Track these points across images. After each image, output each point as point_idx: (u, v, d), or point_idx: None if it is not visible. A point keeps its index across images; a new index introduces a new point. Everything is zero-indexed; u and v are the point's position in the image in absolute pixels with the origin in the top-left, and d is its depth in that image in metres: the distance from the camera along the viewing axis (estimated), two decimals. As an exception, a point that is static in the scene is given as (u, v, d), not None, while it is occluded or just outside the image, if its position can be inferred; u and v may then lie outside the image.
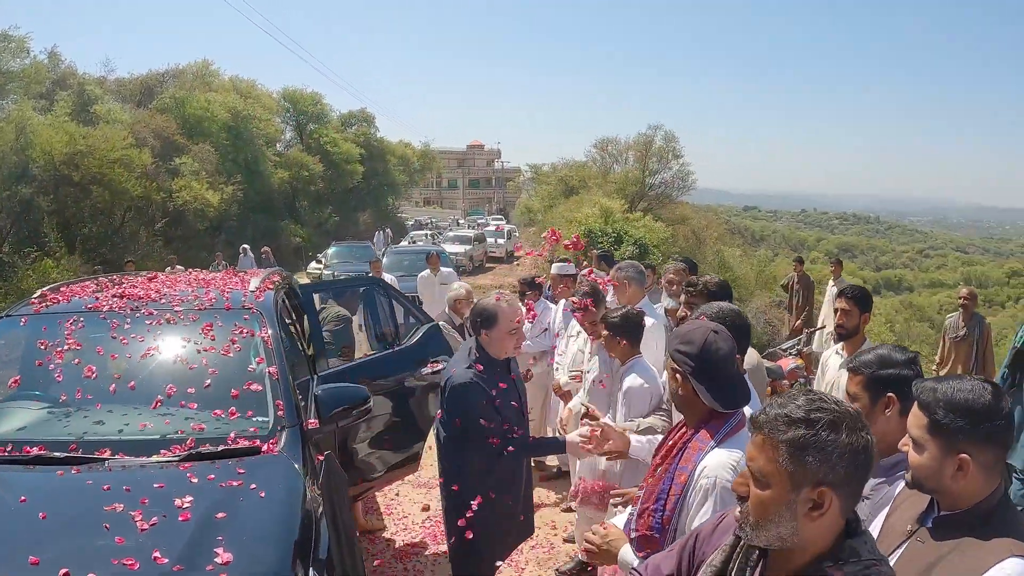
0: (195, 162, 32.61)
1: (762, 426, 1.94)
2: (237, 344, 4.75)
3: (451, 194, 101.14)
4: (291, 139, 48.94)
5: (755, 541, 1.99)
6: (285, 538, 3.41)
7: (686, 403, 3.07)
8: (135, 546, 3.15)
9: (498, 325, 4.61)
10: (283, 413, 4.36)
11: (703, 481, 2.85)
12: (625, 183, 42.00)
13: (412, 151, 60.42)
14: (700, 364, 2.97)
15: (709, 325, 3.14)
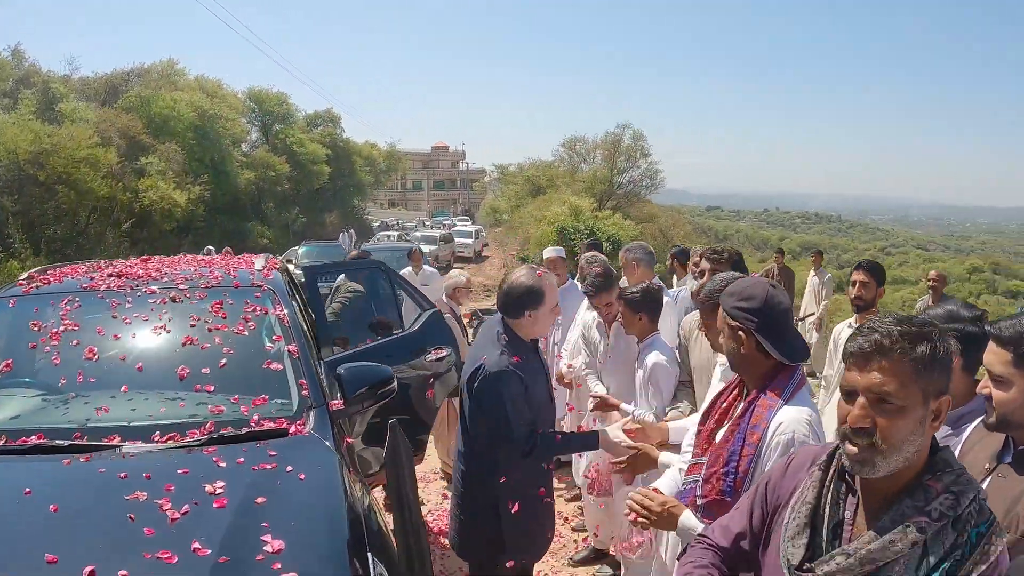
0: (161, 162, 31.88)
1: (888, 350, 1.87)
2: (251, 322, 4.37)
3: (416, 196, 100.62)
4: (257, 139, 48.05)
5: (879, 471, 1.91)
6: (336, 522, 3.03)
7: (748, 362, 2.93)
8: (168, 537, 2.75)
9: (545, 303, 4.10)
10: (308, 393, 3.99)
11: (780, 437, 2.74)
12: (593, 182, 41.94)
13: (378, 152, 59.70)
14: (764, 319, 2.87)
15: (763, 280, 3.04)
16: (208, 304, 4.44)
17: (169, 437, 3.56)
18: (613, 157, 42.32)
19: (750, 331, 2.88)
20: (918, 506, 1.88)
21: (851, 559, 1.91)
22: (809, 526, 2.05)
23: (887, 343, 1.88)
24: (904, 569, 1.87)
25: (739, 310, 2.92)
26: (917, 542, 1.85)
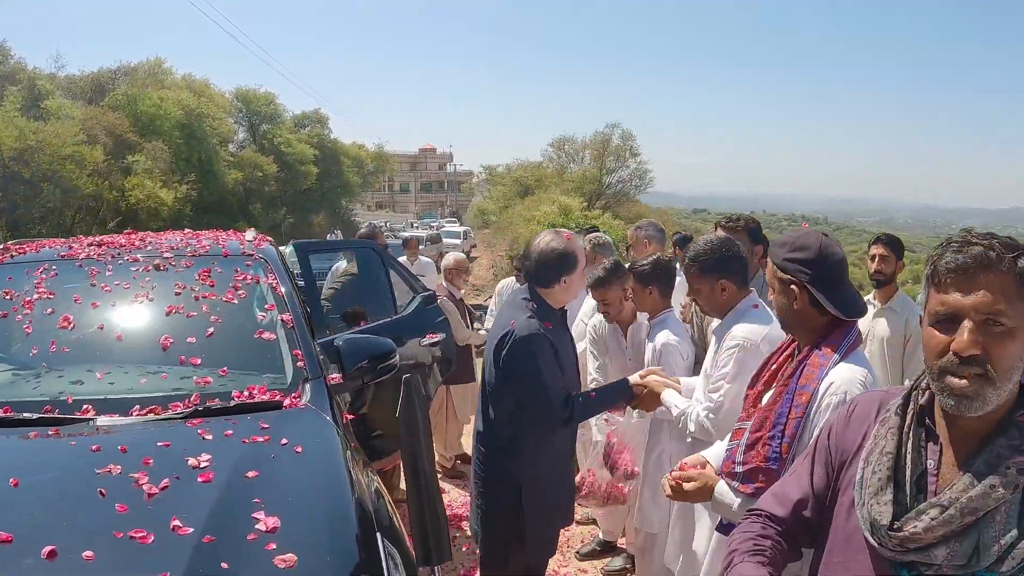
0: (148, 160, 31.42)
1: (994, 264, 1.61)
2: (241, 291, 3.98)
3: (403, 197, 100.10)
4: (244, 139, 47.32)
5: (989, 404, 1.64)
6: (339, 499, 2.66)
7: (801, 318, 2.67)
8: (144, 515, 2.37)
9: (578, 266, 3.84)
10: (303, 364, 3.61)
11: (831, 398, 2.49)
12: (583, 182, 41.71)
13: (366, 153, 58.99)
14: (818, 270, 2.62)
15: (816, 230, 2.78)
16: (195, 272, 4.05)
17: (149, 410, 3.18)
18: (602, 157, 42.10)
19: (803, 284, 2.62)
20: (1014, 445, 1.64)
21: (948, 511, 1.64)
22: (892, 480, 1.76)
23: (993, 256, 1.62)
24: (1006, 517, 1.61)
25: (791, 262, 2.65)
26: (1019, 485, 1.61)
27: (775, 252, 2.75)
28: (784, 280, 2.68)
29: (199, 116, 36.82)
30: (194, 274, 4.03)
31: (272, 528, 2.30)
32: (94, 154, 27.74)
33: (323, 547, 2.35)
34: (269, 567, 2.17)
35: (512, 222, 37.10)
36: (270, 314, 3.90)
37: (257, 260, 4.30)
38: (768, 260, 2.81)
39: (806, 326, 2.68)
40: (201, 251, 4.33)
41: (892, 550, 1.72)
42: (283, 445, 2.86)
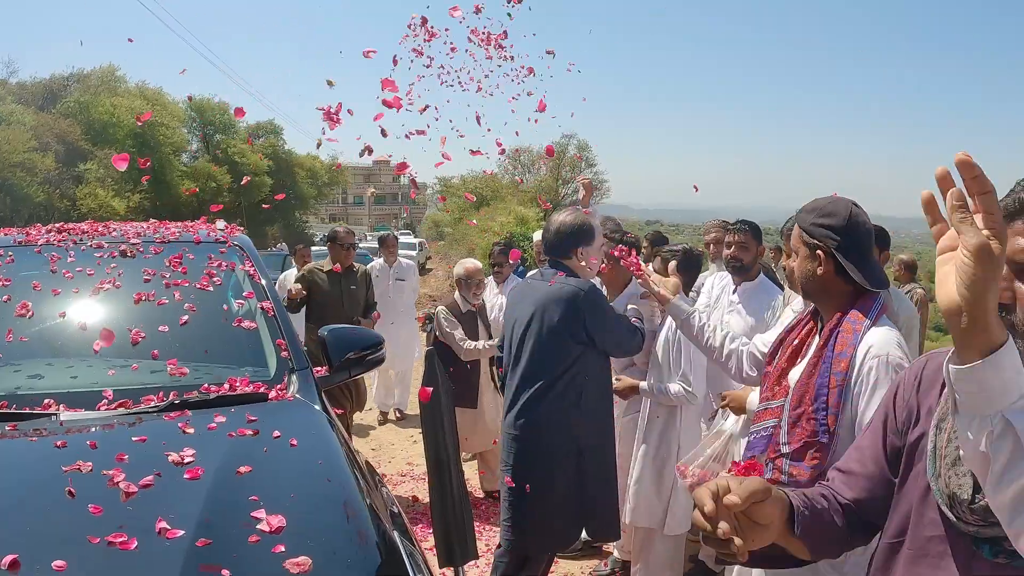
0: (100, 169, 30.62)
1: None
2: (216, 277, 3.62)
3: (357, 210, 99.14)
4: (198, 149, 46.47)
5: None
6: (347, 492, 2.32)
7: (825, 285, 2.61)
8: (123, 517, 2.02)
9: (595, 240, 4.00)
10: (288, 354, 3.26)
11: (872, 360, 2.43)
12: (539, 192, 41.45)
13: (320, 164, 58.38)
14: (847, 238, 2.56)
15: (846, 198, 2.68)
16: (165, 258, 3.68)
17: (119, 404, 2.81)
18: (558, 167, 41.99)
19: (830, 251, 2.57)
20: None
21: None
22: None
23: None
24: None
25: (819, 227, 2.60)
26: None
27: (803, 217, 2.68)
28: (811, 245, 2.61)
29: (152, 125, 35.92)
30: (164, 260, 3.67)
31: (277, 528, 1.95)
32: (45, 162, 27.01)
33: (337, 547, 2.01)
34: (279, 572, 1.82)
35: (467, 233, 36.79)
36: (249, 302, 3.55)
37: (231, 247, 3.94)
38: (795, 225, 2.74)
39: (829, 294, 2.62)
40: (171, 237, 3.96)
41: (974, 524, 1.49)
42: (275, 439, 2.52)
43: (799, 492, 1.74)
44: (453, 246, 42.35)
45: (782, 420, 2.60)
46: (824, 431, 2.47)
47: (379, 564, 1.99)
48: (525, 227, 30.01)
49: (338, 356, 3.47)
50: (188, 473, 2.23)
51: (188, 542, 1.90)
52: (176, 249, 3.79)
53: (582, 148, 41.97)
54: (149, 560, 1.83)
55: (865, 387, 2.44)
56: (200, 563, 1.83)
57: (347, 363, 3.49)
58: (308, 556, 1.85)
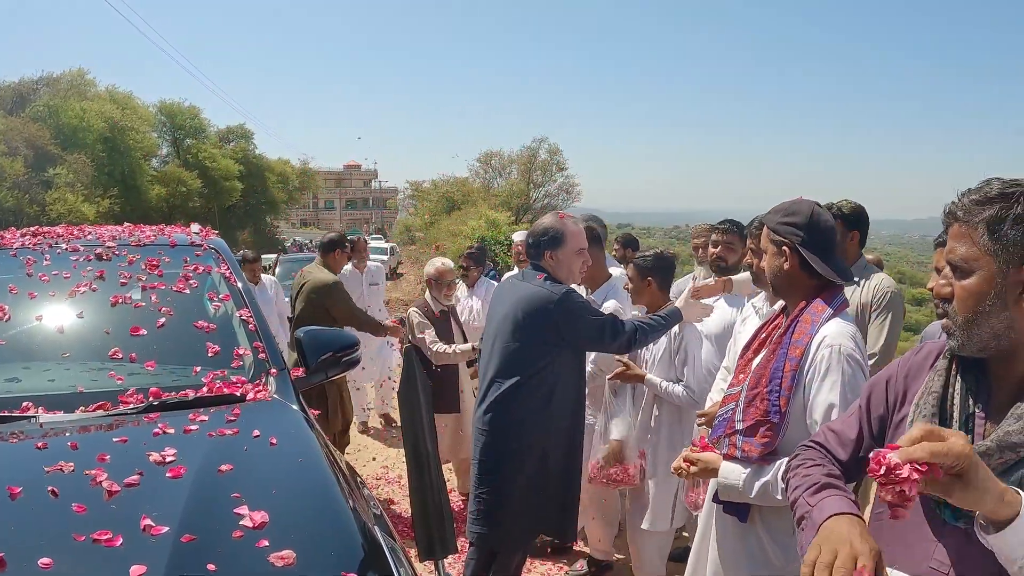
0: (70, 173, 30.26)
1: (958, 214, 1.71)
2: (193, 280, 3.64)
3: (328, 215, 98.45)
4: (168, 154, 45.97)
5: (968, 347, 1.72)
6: (327, 489, 2.35)
7: (791, 280, 2.80)
8: (107, 515, 2.04)
9: (565, 245, 4.00)
10: (265, 356, 3.29)
11: (824, 351, 2.62)
12: (510, 196, 41.53)
13: (291, 169, 57.66)
14: (810, 234, 2.74)
15: (808, 200, 2.89)
16: (141, 262, 3.70)
17: (98, 406, 2.83)
18: (529, 171, 42.04)
19: (795, 246, 2.75)
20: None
21: (986, 445, 1.63)
22: (937, 416, 1.77)
23: (957, 209, 1.72)
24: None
25: (785, 225, 2.78)
26: None
27: (769, 217, 2.86)
28: (777, 242, 2.79)
29: (122, 129, 35.57)
30: (141, 263, 3.68)
31: (260, 524, 1.98)
32: (14, 166, 26.67)
33: (321, 542, 2.04)
34: (263, 565, 1.85)
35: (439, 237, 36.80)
36: (225, 304, 3.58)
37: (207, 250, 3.96)
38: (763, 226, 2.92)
39: (795, 288, 2.79)
40: (146, 241, 3.98)
41: None
42: (255, 437, 2.56)
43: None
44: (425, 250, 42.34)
45: (739, 400, 2.80)
46: (776, 411, 2.65)
47: (362, 558, 2.02)
48: (496, 231, 30.03)
49: (315, 357, 3.49)
50: (170, 472, 2.26)
51: (173, 538, 1.93)
52: (152, 252, 3.81)
53: (553, 152, 42.05)
54: (135, 556, 1.85)
55: (817, 374, 2.61)
56: (186, 558, 1.85)
57: (323, 364, 3.51)
58: (292, 550, 1.88)
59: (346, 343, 3.63)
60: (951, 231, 1.74)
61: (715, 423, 2.97)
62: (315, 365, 3.48)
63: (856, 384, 2.59)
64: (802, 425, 2.66)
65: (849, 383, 2.58)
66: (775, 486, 2.64)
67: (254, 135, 52.65)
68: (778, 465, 2.64)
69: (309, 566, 1.90)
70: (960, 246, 1.70)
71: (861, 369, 2.64)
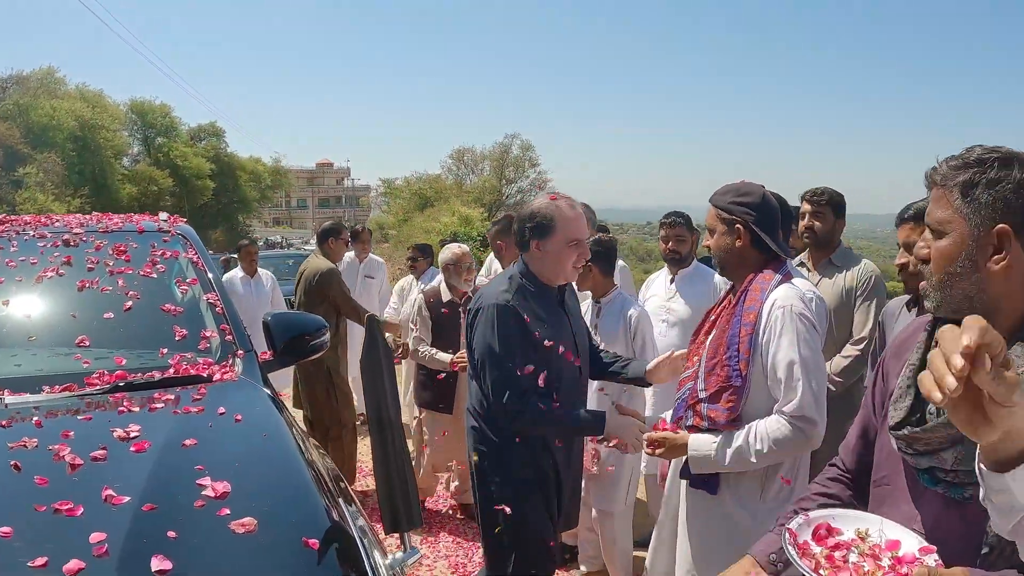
0: (40, 173, 29.99)
1: (936, 178, 1.75)
2: (160, 265, 3.63)
3: (301, 213, 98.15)
4: (139, 152, 45.73)
5: (943, 308, 1.75)
6: (291, 462, 2.37)
7: (741, 256, 2.93)
8: (70, 487, 2.04)
9: (555, 233, 3.26)
10: (232, 338, 3.30)
11: (777, 312, 2.75)
12: (482, 192, 41.59)
13: (263, 167, 57.57)
14: (761, 213, 2.89)
15: (757, 182, 3.03)
16: (109, 247, 3.69)
17: (64, 388, 2.82)
18: (502, 167, 42.13)
19: (747, 224, 2.88)
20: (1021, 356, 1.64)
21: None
22: (913, 387, 1.79)
23: (936, 174, 1.76)
24: None
25: (738, 204, 2.91)
26: None
27: (719, 198, 2.98)
28: (729, 221, 2.92)
29: (93, 128, 35.35)
30: (108, 249, 3.67)
31: (222, 494, 1.99)
32: (-17, 166, 26.45)
33: (282, 510, 2.05)
34: (224, 533, 1.86)
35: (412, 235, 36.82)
36: (192, 288, 3.58)
37: (175, 236, 3.96)
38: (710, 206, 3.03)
39: (744, 264, 2.93)
40: (114, 227, 3.96)
41: (909, 454, 1.76)
42: (220, 415, 2.56)
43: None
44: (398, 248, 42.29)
45: (699, 372, 2.92)
46: (737, 375, 2.77)
47: (327, 527, 2.03)
48: (469, 227, 30.08)
49: (282, 340, 3.50)
50: (134, 447, 2.26)
51: (134, 507, 1.93)
52: (120, 238, 3.80)
53: (525, 148, 42.18)
54: (95, 524, 1.85)
55: (773, 334, 2.74)
56: (146, 526, 1.86)
57: (290, 347, 3.52)
58: (253, 518, 1.89)
59: (313, 326, 3.64)
60: (931, 195, 1.79)
61: (676, 405, 3.06)
62: (282, 347, 3.49)
63: (810, 340, 2.74)
64: (763, 388, 2.78)
65: (804, 339, 2.71)
66: (748, 450, 2.73)
67: (226, 133, 52.31)
68: (747, 429, 2.74)
69: (270, 532, 1.91)
70: (937, 209, 1.74)
71: (814, 326, 2.77)
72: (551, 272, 3.34)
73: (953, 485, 1.69)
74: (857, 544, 1.75)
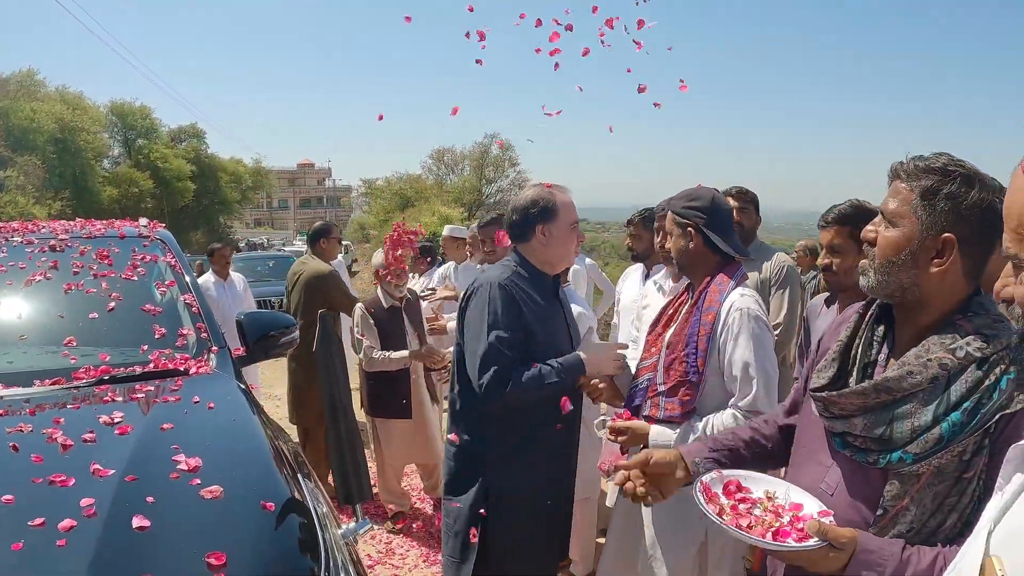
0: (20, 175, 30.01)
1: (901, 173, 1.91)
2: (140, 268, 3.93)
3: (282, 214, 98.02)
4: (120, 154, 45.65)
5: (878, 289, 1.93)
6: (256, 441, 2.70)
7: (696, 258, 3.09)
8: (62, 463, 2.35)
9: (559, 217, 3.30)
10: (207, 335, 3.61)
11: (735, 314, 2.91)
12: (462, 192, 41.78)
13: (244, 168, 57.30)
14: (712, 216, 3.05)
15: (709, 186, 3.23)
16: (93, 252, 3.98)
17: (54, 382, 3.13)
18: (482, 167, 42.38)
19: (699, 227, 3.04)
20: (944, 343, 1.82)
21: (864, 384, 1.88)
22: (838, 360, 2.02)
23: (902, 169, 1.91)
24: (921, 403, 1.81)
25: (689, 209, 3.08)
26: (938, 378, 1.80)
27: (674, 203, 3.16)
28: (682, 224, 3.09)
29: (73, 130, 35.31)
30: (92, 254, 3.96)
31: (194, 467, 2.32)
32: (-36, 170, 26.46)
33: (246, 480, 2.37)
34: (195, 499, 2.18)
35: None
36: (171, 290, 3.88)
37: (154, 240, 4.25)
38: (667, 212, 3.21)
39: (700, 265, 3.09)
40: (97, 233, 4.26)
41: (826, 418, 1.97)
42: (195, 403, 2.88)
43: (719, 442, 2.37)
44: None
45: (659, 365, 3.07)
46: (694, 371, 2.93)
47: (285, 496, 2.34)
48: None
49: (253, 337, 3.80)
50: (118, 430, 2.57)
51: (118, 479, 2.25)
52: (103, 244, 4.08)
53: (505, 148, 42.45)
54: (85, 493, 2.16)
55: (730, 335, 2.91)
56: (128, 492, 2.18)
57: (262, 344, 3.82)
58: (219, 486, 2.21)
59: (283, 324, 3.95)
60: (892, 186, 1.94)
61: (632, 392, 3.22)
62: (253, 345, 3.79)
63: (763, 341, 2.93)
64: (719, 383, 2.96)
65: (758, 340, 2.90)
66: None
67: (206, 134, 52.20)
68: (705, 421, 2.92)
69: (234, 498, 2.23)
70: (894, 201, 1.89)
71: (767, 328, 2.98)
72: (556, 256, 3.36)
73: (860, 450, 1.87)
74: (763, 502, 1.99)
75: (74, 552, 1.93)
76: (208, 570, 1.89)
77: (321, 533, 2.28)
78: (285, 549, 2.16)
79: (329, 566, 2.16)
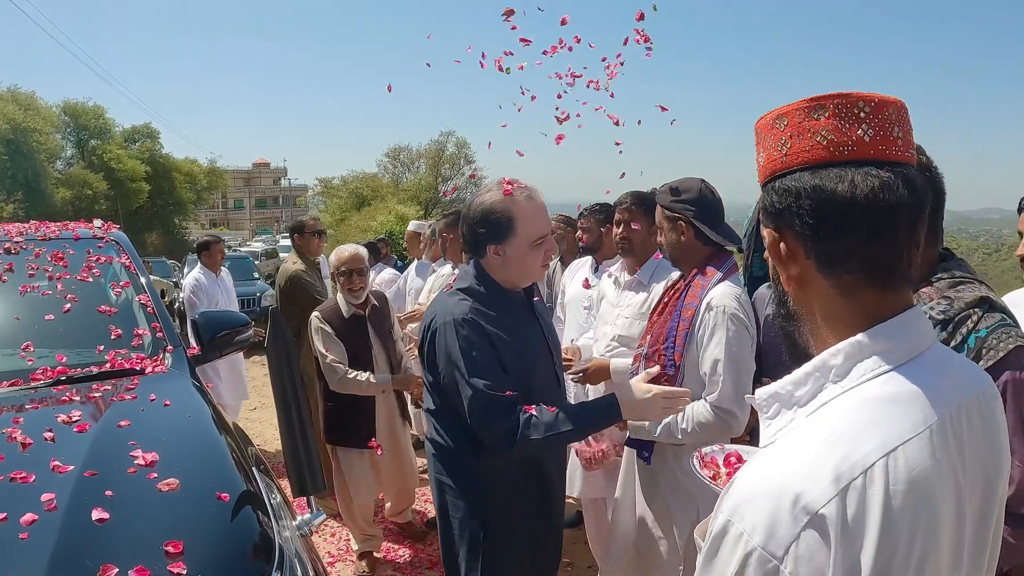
0: (-29, 178, 29.64)
1: None
2: (95, 270, 3.97)
3: (238, 215, 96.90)
4: (72, 156, 45.10)
5: None
6: (211, 438, 2.78)
7: (687, 250, 3.10)
8: (22, 461, 2.41)
9: (515, 235, 2.72)
10: (162, 335, 3.66)
11: (711, 311, 2.92)
12: (418, 190, 41.80)
13: (199, 168, 56.85)
14: (701, 207, 3.05)
15: (695, 177, 3.18)
16: (48, 254, 4.01)
17: (11, 383, 3.17)
18: (438, 165, 42.45)
19: (689, 220, 3.05)
20: None
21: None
22: None
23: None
24: None
25: (678, 202, 3.07)
26: None
27: (662, 197, 3.15)
28: (673, 218, 3.10)
29: (25, 131, 34.82)
30: (48, 256, 3.99)
31: (151, 462, 2.39)
32: (-88, 173, 26.02)
33: (201, 473, 2.45)
34: (152, 491, 2.25)
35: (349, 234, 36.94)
36: (126, 290, 3.92)
37: (108, 242, 4.28)
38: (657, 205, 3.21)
39: (693, 257, 3.10)
40: (52, 235, 4.28)
41: None
42: (151, 401, 2.94)
43: None
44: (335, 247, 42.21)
45: (643, 353, 3.13)
46: (671, 365, 2.97)
47: (239, 488, 2.42)
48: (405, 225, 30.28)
49: (208, 336, 3.86)
50: (77, 428, 2.63)
51: (77, 474, 2.32)
52: (59, 245, 4.11)
53: (461, 145, 42.58)
54: (46, 488, 2.22)
55: (705, 331, 2.93)
56: (87, 487, 2.25)
57: (216, 343, 3.88)
58: (176, 479, 2.29)
59: (237, 323, 4.01)
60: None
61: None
62: (208, 343, 3.85)
63: (740, 339, 2.89)
64: (696, 377, 2.97)
65: (733, 339, 2.88)
66: (676, 427, 2.96)
67: (160, 134, 51.56)
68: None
69: (190, 489, 2.31)
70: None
71: (745, 327, 2.91)
72: (515, 277, 2.84)
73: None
74: None
75: (36, 544, 2.00)
76: (166, 558, 1.97)
77: (276, 523, 2.36)
78: (240, 537, 2.23)
79: (284, 554, 2.24)
